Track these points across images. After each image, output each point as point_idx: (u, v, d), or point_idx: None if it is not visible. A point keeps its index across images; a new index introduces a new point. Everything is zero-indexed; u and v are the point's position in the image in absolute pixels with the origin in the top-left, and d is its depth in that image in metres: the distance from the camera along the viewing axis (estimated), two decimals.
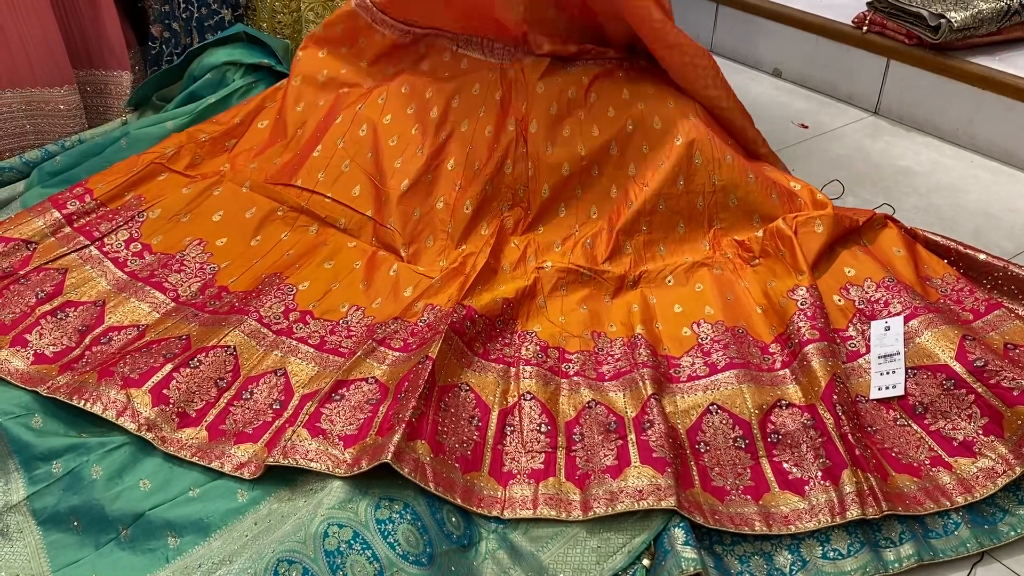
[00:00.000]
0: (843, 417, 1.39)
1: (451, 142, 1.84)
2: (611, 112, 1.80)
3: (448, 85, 1.88)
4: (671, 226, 1.81)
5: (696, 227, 1.81)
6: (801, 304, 1.58)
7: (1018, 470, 1.34)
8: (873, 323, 1.56)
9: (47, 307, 1.62)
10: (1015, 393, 1.38)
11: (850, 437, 1.37)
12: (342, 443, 1.34)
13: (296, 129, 1.96)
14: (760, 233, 1.77)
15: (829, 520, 1.29)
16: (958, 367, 1.44)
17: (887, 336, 1.53)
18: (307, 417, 1.38)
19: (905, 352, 1.50)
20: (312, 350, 1.57)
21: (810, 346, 1.50)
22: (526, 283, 1.68)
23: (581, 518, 1.30)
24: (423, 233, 1.79)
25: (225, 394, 1.47)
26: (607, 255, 1.76)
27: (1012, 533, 1.31)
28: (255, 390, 1.49)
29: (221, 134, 2.00)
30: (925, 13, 2.37)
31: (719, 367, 1.52)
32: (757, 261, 1.74)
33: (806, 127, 2.52)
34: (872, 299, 1.60)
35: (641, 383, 1.47)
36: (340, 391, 1.44)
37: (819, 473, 1.35)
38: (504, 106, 1.84)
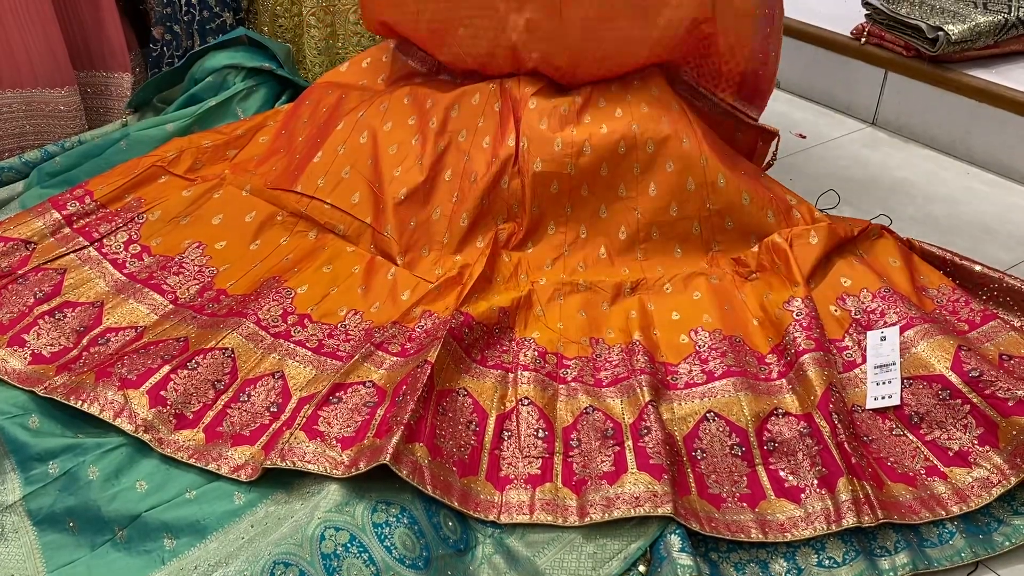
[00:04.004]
0: (839, 426, 1.40)
1: (449, 152, 1.84)
2: (604, 130, 1.78)
3: (448, 95, 1.89)
4: (667, 251, 1.80)
5: (693, 250, 1.80)
6: (797, 315, 1.59)
7: (1013, 480, 1.34)
8: (869, 333, 1.57)
9: (45, 307, 1.62)
10: (1010, 404, 1.39)
11: (846, 446, 1.37)
12: (340, 445, 1.35)
13: (299, 138, 1.97)
14: (756, 248, 1.78)
15: (825, 528, 1.30)
16: (953, 377, 1.45)
17: (883, 346, 1.54)
18: (304, 420, 1.38)
19: (901, 362, 1.51)
20: (310, 353, 1.57)
21: (806, 356, 1.51)
22: (520, 294, 1.68)
23: (577, 524, 1.30)
24: (419, 242, 1.80)
25: (222, 396, 1.48)
26: (602, 276, 1.76)
27: (1007, 543, 1.32)
28: (252, 392, 1.49)
29: (223, 143, 2.01)
30: (923, 26, 2.38)
31: (716, 375, 1.53)
32: (754, 276, 1.74)
33: (804, 137, 2.53)
34: (868, 309, 1.61)
35: (639, 389, 1.47)
36: (337, 394, 1.44)
37: (815, 481, 1.36)
38: (503, 118, 1.84)
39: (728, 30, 1.78)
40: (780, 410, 1.47)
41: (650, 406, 1.43)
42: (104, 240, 1.77)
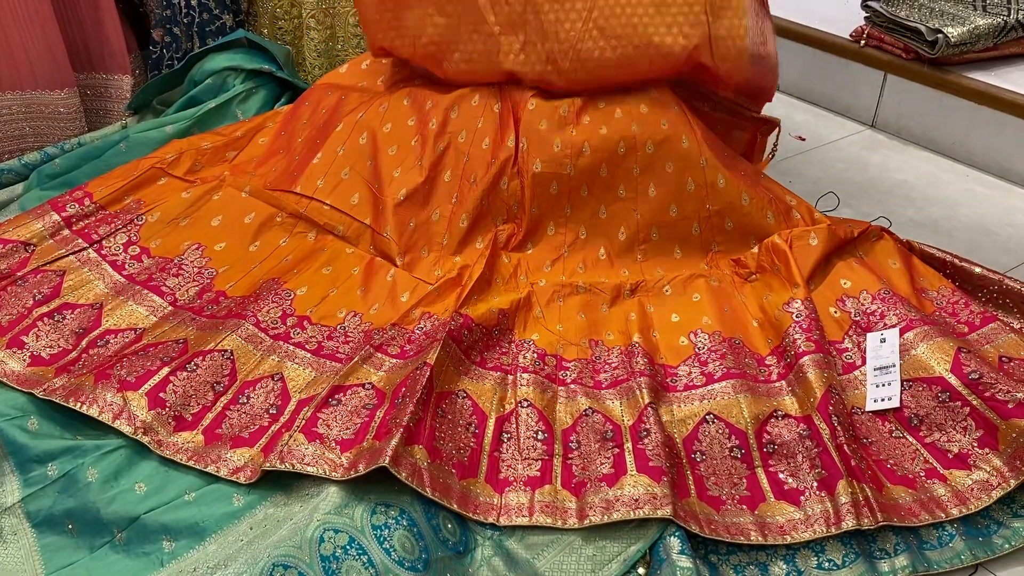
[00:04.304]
0: (839, 428, 1.40)
1: (448, 153, 1.84)
2: (603, 131, 1.78)
3: (447, 96, 1.89)
4: (667, 252, 1.80)
5: (693, 251, 1.80)
6: (796, 317, 1.59)
7: (1012, 483, 1.34)
8: (869, 335, 1.57)
9: (44, 309, 1.62)
10: (1010, 406, 1.39)
11: (846, 448, 1.37)
12: (339, 447, 1.34)
13: (299, 139, 1.97)
14: (756, 249, 1.78)
15: (824, 530, 1.30)
16: (953, 379, 1.45)
17: (883, 348, 1.54)
18: (304, 422, 1.38)
19: (900, 364, 1.51)
20: (309, 355, 1.57)
21: (806, 358, 1.51)
22: (520, 295, 1.68)
23: (577, 526, 1.30)
24: (419, 243, 1.80)
25: (222, 398, 1.48)
26: (602, 278, 1.76)
27: (1006, 545, 1.32)
28: (252, 395, 1.49)
29: (222, 145, 2.01)
30: (923, 28, 2.39)
31: (716, 377, 1.53)
32: (754, 277, 1.74)
33: (804, 139, 2.53)
34: (868, 311, 1.61)
35: (638, 392, 1.47)
36: (337, 396, 1.44)
37: (815, 483, 1.36)
38: (503, 119, 1.84)
39: (723, 57, 1.77)
40: (780, 412, 1.47)
41: (649, 408, 1.43)
42: (103, 242, 1.77)
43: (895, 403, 1.48)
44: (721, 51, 1.75)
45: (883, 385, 1.50)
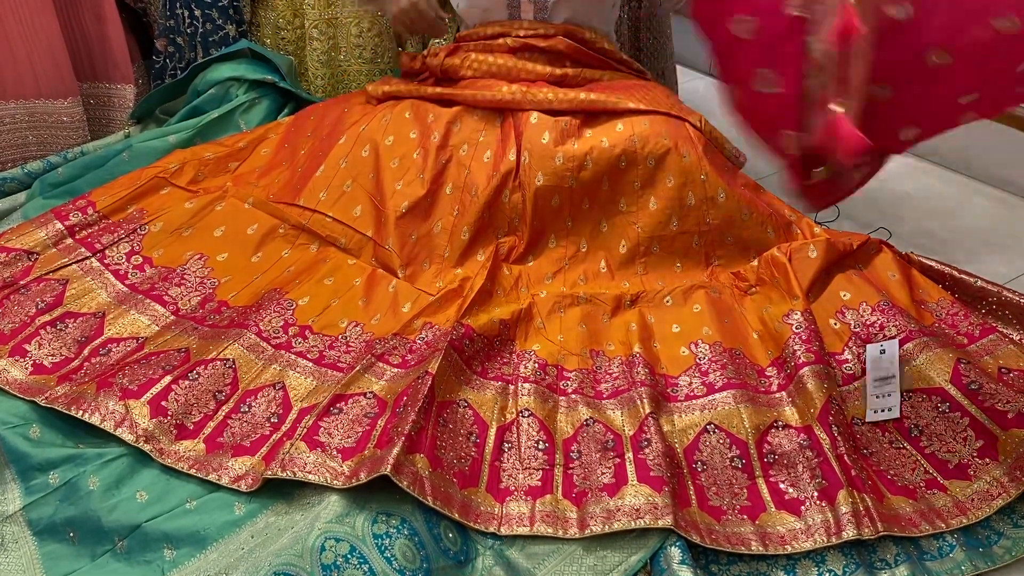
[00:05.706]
0: (839, 438, 1.40)
1: (450, 166, 1.85)
2: (605, 143, 1.79)
3: (450, 109, 1.90)
4: (668, 266, 1.81)
5: (694, 265, 1.81)
6: (796, 328, 1.59)
7: (1013, 493, 1.35)
8: (868, 346, 1.58)
9: (47, 317, 1.62)
10: (1010, 416, 1.40)
11: (846, 458, 1.37)
12: (340, 455, 1.35)
13: (301, 151, 1.98)
14: (755, 263, 1.78)
15: (825, 540, 1.30)
16: (953, 390, 1.46)
17: (882, 359, 1.55)
18: (305, 430, 1.39)
19: (900, 375, 1.51)
20: (311, 364, 1.57)
21: (805, 369, 1.51)
22: (521, 306, 1.68)
23: (578, 536, 1.31)
24: (420, 255, 1.80)
25: (223, 407, 1.48)
26: (603, 289, 1.77)
27: (1007, 556, 1.32)
28: (253, 403, 1.49)
29: (225, 155, 2.01)
30: None
31: (716, 387, 1.53)
32: (754, 290, 1.75)
33: None
34: (867, 323, 1.61)
35: (639, 401, 1.47)
36: (338, 405, 1.44)
37: (815, 493, 1.36)
38: (505, 132, 1.85)
39: None
40: (780, 422, 1.47)
41: (650, 418, 1.43)
42: (106, 251, 1.77)
43: (895, 414, 1.48)
44: None
45: (883, 396, 1.50)
